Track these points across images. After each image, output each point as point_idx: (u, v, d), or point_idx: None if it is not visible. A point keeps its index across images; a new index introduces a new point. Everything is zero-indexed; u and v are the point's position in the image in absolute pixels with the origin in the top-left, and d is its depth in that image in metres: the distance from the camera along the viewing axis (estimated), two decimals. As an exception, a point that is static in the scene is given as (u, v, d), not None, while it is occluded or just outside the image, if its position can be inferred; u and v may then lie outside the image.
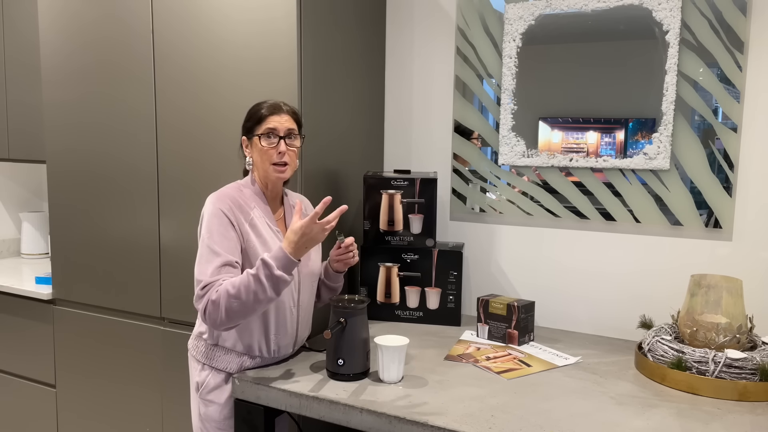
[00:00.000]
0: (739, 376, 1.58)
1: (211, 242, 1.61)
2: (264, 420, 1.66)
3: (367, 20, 2.33)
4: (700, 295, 1.72)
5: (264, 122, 1.69)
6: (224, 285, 1.55)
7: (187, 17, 2.12)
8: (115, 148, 2.33)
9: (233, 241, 1.63)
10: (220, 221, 1.63)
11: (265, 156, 1.69)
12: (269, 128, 1.68)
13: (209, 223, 1.64)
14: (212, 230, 1.62)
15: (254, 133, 1.70)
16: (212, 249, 1.60)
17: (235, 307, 1.53)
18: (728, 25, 1.91)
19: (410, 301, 2.19)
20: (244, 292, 1.52)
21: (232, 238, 1.63)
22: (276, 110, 1.71)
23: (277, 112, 1.70)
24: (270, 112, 1.70)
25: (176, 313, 2.26)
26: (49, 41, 2.43)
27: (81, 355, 2.51)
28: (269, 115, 1.70)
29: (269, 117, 1.69)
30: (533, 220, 2.25)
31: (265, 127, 1.69)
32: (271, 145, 1.68)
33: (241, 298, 1.52)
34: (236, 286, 1.53)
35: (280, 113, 1.71)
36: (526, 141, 2.21)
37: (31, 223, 3.31)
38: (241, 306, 1.53)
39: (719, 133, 1.95)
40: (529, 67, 2.18)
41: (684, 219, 2.01)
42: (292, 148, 1.71)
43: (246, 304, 1.53)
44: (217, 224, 1.63)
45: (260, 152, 1.70)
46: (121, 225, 2.35)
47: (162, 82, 2.20)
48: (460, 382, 1.65)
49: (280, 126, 1.69)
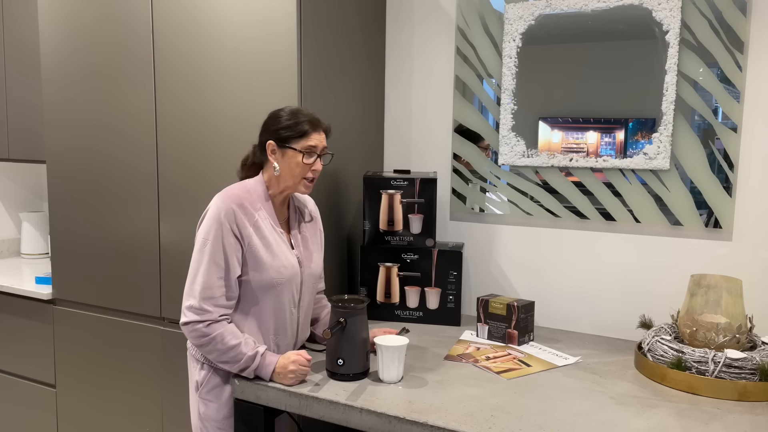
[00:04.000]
0: (739, 376, 1.58)
1: (210, 254, 1.63)
2: (264, 420, 1.66)
3: (367, 20, 2.33)
4: (700, 295, 1.72)
5: (306, 138, 1.67)
6: (224, 332, 1.62)
7: (187, 17, 2.12)
8: (115, 148, 2.33)
9: (232, 249, 1.63)
10: (220, 227, 1.63)
11: (299, 171, 1.68)
12: (311, 146, 1.67)
13: (209, 227, 1.64)
14: (209, 236, 1.63)
15: (292, 146, 1.67)
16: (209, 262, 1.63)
17: (215, 353, 1.64)
18: (728, 25, 1.91)
19: (410, 301, 2.19)
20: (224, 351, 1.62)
21: (228, 244, 1.63)
22: (317, 127, 1.69)
23: (318, 129, 1.69)
24: (313, 129, 1.68)
25: (176, 313, 2.26)
26: (49, 41, 2.43)
27: (81, 355, 2.51)
28: (312, 132, 1.68)
29: (312, 134, 1.68)
30: (533, 220, 2.25)
31: (307, 144, 1.67)
32: (310, 162, 1.68)
33: (220, 351, 1.62)
34: (226, 344, 1.62)
35: (319, 131, 1.70)
36: (526, 141, 2.21)
37: (31, 223, 3.31)
38: (218, 356, 1.64)
39: (719, 133, 1.95)
40: (529, 67, 2.18)
41: (684, 219, 2.01)
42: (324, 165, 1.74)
43: (220, 356, 1.64)
44: (215, 230, 1.63)
45: (296, 166, 1.68)
46: (121, 225, 2.35)
47: (162, 82, 2.20)
48: (460, 382, 1.65)
49: (320, 144, 1.69)
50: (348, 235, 2.32)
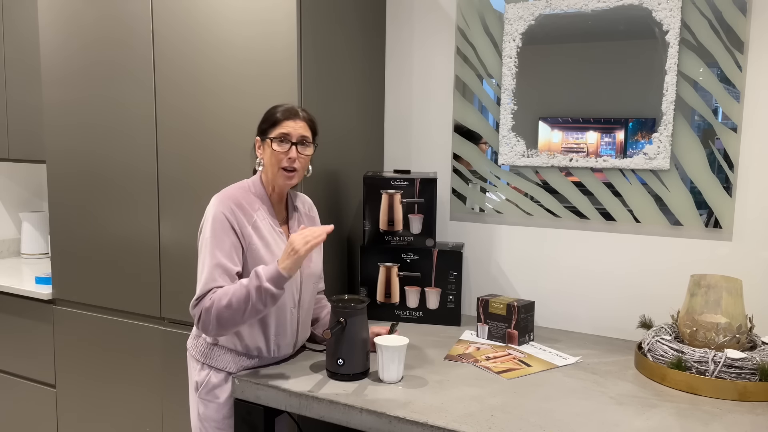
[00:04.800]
0: (739, 376, 1.58)
1: (212, 247, 1.62)
2: (264, 420, 1.66)
3: (367, 20, 2.33)
4: (699, 295, 1.72)
5: (278, 126, 1.68)
6: (217, 293, 1.57)
7: (187, 18, 2.12)
8: (115, 148, 2.33)
9: (233, 246, 1.63)
10: (221, 225, 1.63)
11: (274, 160, 1.69)
12: (282, 133, 1.68)
13: (211, 227, 1.64)
14: (213, 235, 1.63)
15: (268, 136, 1.70)
16: (212, 254, 1.61)
17: (226, 315, 1.55)
18: (728, 25, 1.91)
19: (410, 301, 2.19)
20: (235, 302, 1.54)
21: (232, 242, 1.63)
22: (292, 115, 1.70)
23: (293, 117, 1.70)
24: (285, 117, 1.69)
25: (176, 313, 2.26)
26: (49, 41, 2.43)
27: (81, 355, 2.51)
28: (284, 120, 1.69)
29: (284, 122, 1.69)
30: (533, 220, 2.25)
31: (278, 131, 1.68)
32: (283, 150, 1.68)
33: (231, 307, 1.54)
34: (228, 295, 1.55)
35: (295, 119, 1.70)
36: (526, 141, 2.21)
37: (31, 223, 3.31)
38: (232, 315, 1.55)
39: (719, 133, 1.95)
40: (529, 67, 2.18)
41: (684, 219, 2.01)
42: (303, 156, 1.71)
43: (236, 314, 1.55)
44: (218, 229, 1.63)
45: (271, 155, 1.69)
46: (121, 225, 2.35)
47: (162, 83, 2.20)
48: (460, 382, 1.65)
49: (294, 132, 1.69)
50: (348, 235, 2.32)
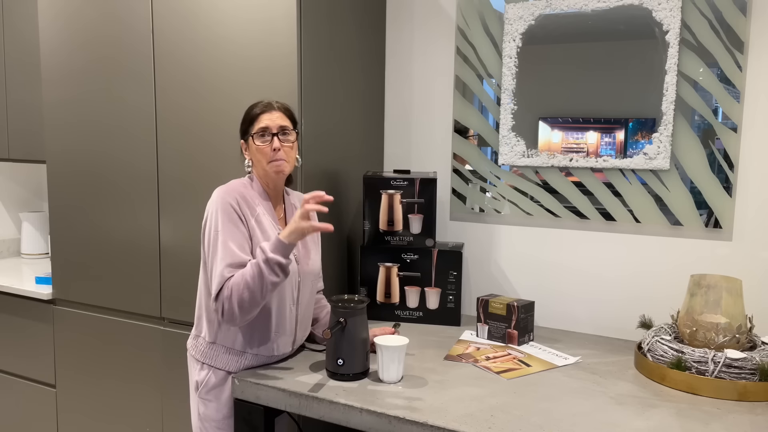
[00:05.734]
0: (739, 376, 1.58)
1: (224, 238, 1.62)
2: (264, 420, 1.66)
3: (367, 20, 2.33)
4: (699, 295, 1.72)
5: (256, 122, 1.71)
6: (232, 280, 1.58)
7: (187, 17, 2.12)
8: (116, 148, 2.33)
9: (243, 235, 1.64)
10: (229, 216, 1.64)
11: (261, 155, 1.70)
12: (261, 127, 1.69)
13: (221, 218, 1.64)
14: (224, 226, 1.63)
15: (249, 134, 1.72)
16: (225, 246, 1.62)
17: (246, 296, 1.57)
18: (728, 25, 1.91)
19: (410, 301, 2.19)
20: (251, 281, 1.56)
21: (242, 231, 1.64)
22: (267, 109, 1.72)
23: (268, 110, 1.71)
24: (261, 111, 1.71)
25: (176, 313, 2.26)
26: (49, 41, 2.43)
27: (81, 355, 2.51)
28: (260, 114, 1.71)
29: (260, 116, 1.71)
30: (533, 220, 2.25)
31: (257, 126, 1.70)
32: (265, 143, 1.69)
33: (249, 287, 1.56)
34: (244, 276, 1.57)
35: (271, 111, 1.71)
36: (526, 141, 2.21)
37: (31, 223, 3.31)
38: (251, 295, 1.57)
39: (719, 133, 1.95)
40: (529, 67, 2.18)
41: (684, 219, 2.01)
42: (288, 144, 1.71)
43: (254, 293, 1.57)
44: (228, 220, 1.64)
45: (256, 152, 1.70)
46: (121, 225, 2.35)
47: (162, 82, 2.20)
48: (460, 382, 1.65)
49: (272, 123, 1.70)
50: (348, 235, 2.32)
